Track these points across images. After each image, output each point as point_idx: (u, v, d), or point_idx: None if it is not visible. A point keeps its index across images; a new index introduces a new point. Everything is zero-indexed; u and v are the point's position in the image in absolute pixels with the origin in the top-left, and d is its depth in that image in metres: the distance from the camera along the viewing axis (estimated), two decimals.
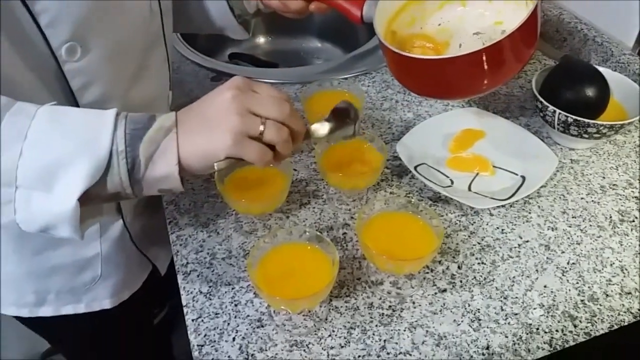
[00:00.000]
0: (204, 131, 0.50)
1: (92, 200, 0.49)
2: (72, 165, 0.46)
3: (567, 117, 0.74)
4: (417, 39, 0.75)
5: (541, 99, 0.77)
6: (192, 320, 0.60)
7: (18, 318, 0.81)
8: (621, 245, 0.67)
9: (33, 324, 0.83)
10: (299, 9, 0.76)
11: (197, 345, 0.57)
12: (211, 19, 0.82)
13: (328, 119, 0.59)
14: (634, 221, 0.70)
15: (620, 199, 0.73)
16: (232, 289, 0.62)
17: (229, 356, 0.56)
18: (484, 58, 0.60)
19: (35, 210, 0.47)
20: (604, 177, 0.76)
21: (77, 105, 0.59)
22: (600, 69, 0.79)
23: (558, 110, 0.75)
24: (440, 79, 0.64)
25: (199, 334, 0.58)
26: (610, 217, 0.70)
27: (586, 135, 0.75)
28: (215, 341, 0.57)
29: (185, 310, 0.61)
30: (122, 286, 0.83)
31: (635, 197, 0.73)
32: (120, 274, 0.81)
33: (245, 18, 0.83)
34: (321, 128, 0.58)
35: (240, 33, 0.85)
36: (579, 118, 0.73)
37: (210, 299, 0.61)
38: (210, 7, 0.80)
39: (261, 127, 0.50)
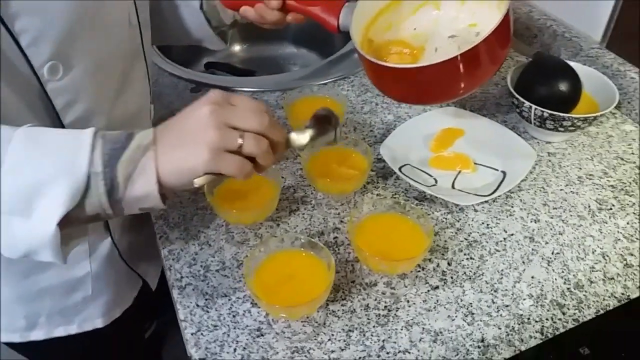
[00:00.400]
0: (181, 147, 0.49)
1: (72, 223, 0.48)
2: (50, 189, 0.46)
3: (542, 112, 0.77)
4: (394, 45, 0.76)
5: (517, 96, 0.79)
6: (192, 334, 0.60)
7: (8, 343, 0.80)
8: (601, 232, 0.70)
9: (24, 348, 0.82)
10: (275, 20, 0.76)
11: (199, 359, 0.57)
12: (188, 30, 0.82)
13: (308, 126, 0.58)
14: (611, 209, 0.73)
15: (597, 189, 0.76)
16: (229, 300, 0.63)
17: None
18: (459, 64, 0.60)
19: (16, 235, 0.47)
20: (580, 168, 0.79)
21: (62, 124, 0.59)
22: (571, 63, 0.82)
23: (534, 106, 0.77)
24: (417, 86, 0.65)
25: (199, 348, 0.58)
26: (589, 206, 0.73)
27: (562, 129, 0.78)
28: (216, 353, 0.58)
29: (183, 324, 0.61)
30: (114, 304, 0.82)
31: (611, 185, 0.76)
32: (110, 292, 0.80)
33: (222, 29, 0.83)
34: (301, 137, 0.57)
35: (218, 44, 0.85)
36: (554, 112, 0.76)
37: (208, 312, 0.62)
38: (186, 19, 0.80)
39: (240, 141, 0.49)
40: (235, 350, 0.58)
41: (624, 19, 0.87)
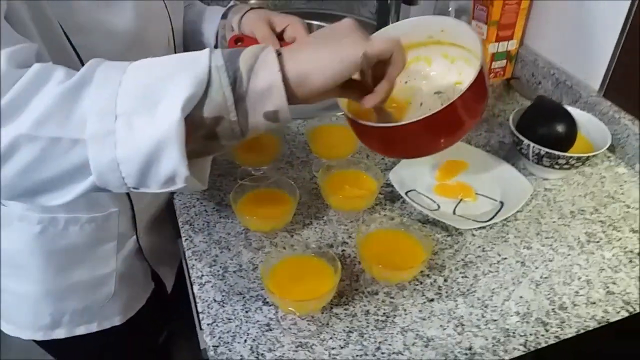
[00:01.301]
0: (325, 45, 0.50)
1: (195, 129, 0.47)
2: (172, 81, 0.45)
3: (540, 149, 0.84)
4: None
5: (517, 134, 0.87)
6: (208, 324, 0.67)
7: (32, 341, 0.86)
8: (587, 262, 0.76)
9: (45, 345, 0.88)
10: None
11: (213, 346, 0.64)
12: None
13: None
14: (598, 242, 0.79)
15: (587, 223, 0.82)
16: (243, 297, 0.70)
17: (241, 355, 0.63)
18: (432, 123, 0.60)
19: (138, 136, 0.44)
20: (573, 204, 0.85)
21: None
22: (569, 108, 0.90)
23: (532, 144, 0.85)
24: (394, 142, 0.64)
25: (214, 337, 0.65)
26: (579, 238, 0.79)
27: (557, 166, 0.85)
28: (228, 342, 0.65)
29: (201, 316, 0.68)
30: (131, 302, 0.89)
31: (600, 220, 0.82)
32: (130, 290, 0.87)
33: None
34: None
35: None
36: (550, 150, 0.83)
37: (224, 307, 0.69)
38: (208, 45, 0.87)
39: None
40: (245, 341, 0.65)
41: (621, 70, 0.94)
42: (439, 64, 0.75)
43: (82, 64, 0.58)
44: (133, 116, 0.44)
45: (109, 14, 0.61)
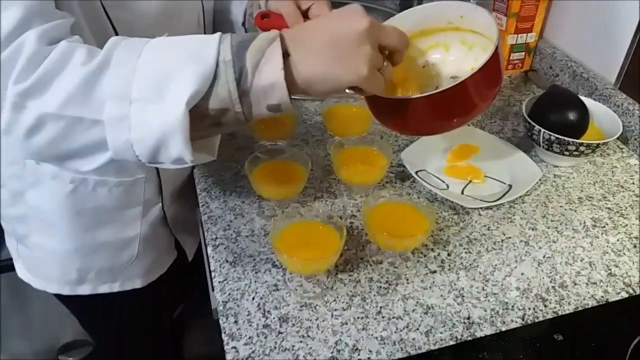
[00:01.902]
0: (334, 56, 0.50)
1: (201, 119, 0.50)
2: (180, 74, 0.48)
3: (550, 135, 0.85)
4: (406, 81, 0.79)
5: (529, 120, 0.88)
6: (219, 282, 0.70)
7: (57, 296, 0.90)
8: (591, 245, 0.77)
9: (69, 302, 0.93)
10: None
11: (222, 302, 0.68)
12: None
13: None
14: (604, 227, 0.80)
15: (594, 209, 0.83)
16: (254, 259, 0.73)
17: (248, 311, 0.66)
18: (442, 100, 0.62)
19: (149, 122, 0.48)
20: (582, 190, 0.87)
21: None
22: (584, 98, 0.91)
23: (543, 130, 0.86)
24: (407, 117, 0.66)
25: (224, 293, 0.69)
26: (585, 222, 0.81)
27: (567, 153, 0.87)
28: (237, 299, 0.68)
29: (213, 274, 0.72)
30: (153, 267, 0.93)
31: (608, 207, 0.83)
32: (152, 255, 0.91)
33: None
34: None
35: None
36: (560, 136, 0.85)
37: (235, 267, 0.72)
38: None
39: (385, 63, 0.53)
40: (253, 298, 0.68)
41: (637, 64, 0.95)
42: (457, 49, 0.77)
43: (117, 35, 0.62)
44: (145, 103, 0.48)
45: None
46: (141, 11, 0.66)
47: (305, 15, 0.79)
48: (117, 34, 0.64)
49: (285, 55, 0.50)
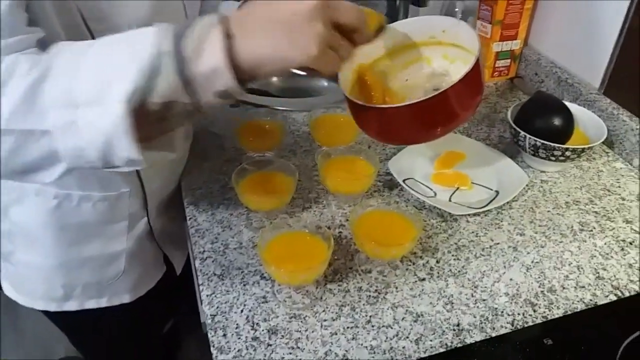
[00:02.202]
0: (281, 34, 0.48)
1: (148, 116, 0.48)
2: (119, 72, 0.47)
3: (535, 141, 0.86)
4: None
5: (514, 126, 0.89)
6: (207, 295, 0.70)
7: (45, 313, 0.90)
8: (579, 249, 0.77)
9: (57, 318, 0.92)
10: None
11: (210, 315, 0.67)
12: None
13: None
14: (591, 230, 0.80)
15: (581, 213, 0.83)
16: (242, 272, 0.73)
17: (237, 324, 0.66)
18: (424, 108, 0.62)
19: (93, 127, 0.47)
20: (568, 195, 0.87)
21: None
22: (569, 104, 0.92)
23: (528, 135, 0.87)
24: (389, 126, 0.67)
25: (212, 306, 0.68)
26: (572, 226, 0.81)
27: (553, 158, 0.87)
28: (226, 312, 0.68)
29: (201, 287, 0.71)
30: (140, 282, 0.92)
31: (595, 211, 0.84)
32: (140, 270, 0.90)
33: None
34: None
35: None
36: (545, 142, 0.85)
37: (223, 280, 0.72)
38: None
39: (342, 42, 0.50)
40: (242, 311, 0.68)
41: (621, 69, 0.96)
42: (439, 64, 0.77)
43: None
44: (88, 106, 0.47)
45: (125, 6, 0.64)
46: (122, 24, 0.65)
47: None
48: None
49: (230, 37, 0.48)
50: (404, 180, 0.86)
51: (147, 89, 0.47)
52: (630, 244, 0.78)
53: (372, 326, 0.66)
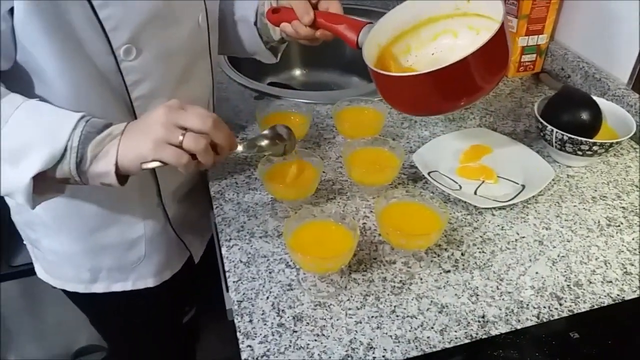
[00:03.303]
0: (136, 138, 0.61)
1: (47, 180, 0.61)
2: (35, 150, 0.59)
3: (562, 135, 0.85)
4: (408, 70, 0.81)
5: (541, 120, 0.88)
6: (233, 282, 0.71)
7: (73, 295, 0.92)
8: (606, 244, 0.76)
9: (85, 301, 0.94)
10: (306, 35, 0.83)
11: (237, 301, 0.68)
12: (243, 43, 0.94)
13: (261, 136, 0.74)
14: (619, 226, 0.79)
15: (608, 208, 0.83)
16: (267, 260, 0.74)
17: (263, 310, 0.67)
18: (446, 75, 0.63)
19: (5, 178, 0.60)
20: (595, 190, 0.86)
21: (130, 97, 0.71)
22: (597, 98, 0.91)
23: (555, 129, 0.86)
24: (414, 95, 0.69)
25: (238, 293, 0.69)
26: (599, 221, 0.80)
27: (580, 153, 0.86)
28: (252, 298, 0.68)
29: (227, 274, 0.72)
30: (164, 266, 0.94)
31: (622, 207, 0.83)
32: (162, 255, 0.92)
33: (272, 45, 0.94)
34: (241, 146, 0.70)
35: (269, 57, 0.96)
36: (572, 136, 0.84)
37: (249, 267, 0.73)
38: (243, 33, 0.93)
39: (180, 137, 0.60)
40: (267, 298, 0.68)
41: None
42: (465, 35, 0.78)
43: (107, 37, 0.65)
44: (5, 163, 0.60)
45: None
46: (132, 9, 0.66)
47: (315, 7, 0.81)
48: (105, 34, 0.64)
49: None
50: (428, 173, 0.86)
51: (51, 169, 0.60)
52: None
53: (397, 316, 0.66)
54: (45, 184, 0.62)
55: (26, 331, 1.57)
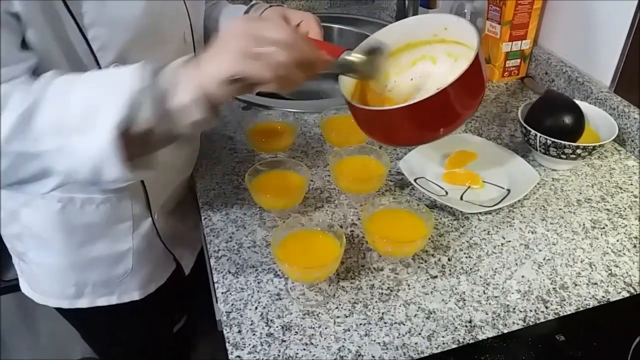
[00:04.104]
0: (216, 57, 0.54)
1: (134, 144, 0.54)
2: (107, 104, 0.52)
3: (546, 139, 0.86)
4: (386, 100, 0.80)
5: (525, 125, 0.89)
6: (222, 293, 0.71)
7: (59, 310, 0.92)
8: (591, 246, 0.77)
9: (69, 315, 0.94)
10: None
11: (226, 312, 0.68)
12: None
13: (357, 51, 0.65)
14: (604, 228, 0.80)
15: (593, 210, 0.84)
16: (256, 270, 0.74)
17: (251, 320, 0.67)
18: (424, 108, 0.62)
19: (83, 152, 0.53)
20: (580, 193, 0.87)
21: None
22: (579, 102, 0.92)
23: (539, 134, 0.87)
24: (392, 127, 0.67)
25: (227, 304, 0.70)
26: (584, 224, 0.81)
27: (564, 156, 0.87)
28: (240, 309, 0.69)
29: (216, 285, 0.72)
30: (150, 279, 0.94)
31: (607, 209, 0.84)
32: (148, 268, 0.92)
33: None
34: (349, 54, 0.63)
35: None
36: (556, 140, 0.85)
37: (237, 277, 0.73)
38: None
39: (265, 48, 0.53)
40: (256, 308, 0.69)
41: (631, 67, 0.96)
42: (443, 62, 0.77)
43: (94, 56, 0.65)
44: (77, 135, 0.53)
45: (119, 8, 0.64)
46: (118, 30, 0.66)
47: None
48: (93, 54, 0.65)
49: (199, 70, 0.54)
50: (415, 180, 0.86)
51: (130, 120, 0.52)
52: None
53: (385, 323, 0.67)
54: (132, 152, 0.54)
55: (21, 344, 1.56)
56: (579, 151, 0.86)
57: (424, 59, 0.78)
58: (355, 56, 0.66)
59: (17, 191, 0.61)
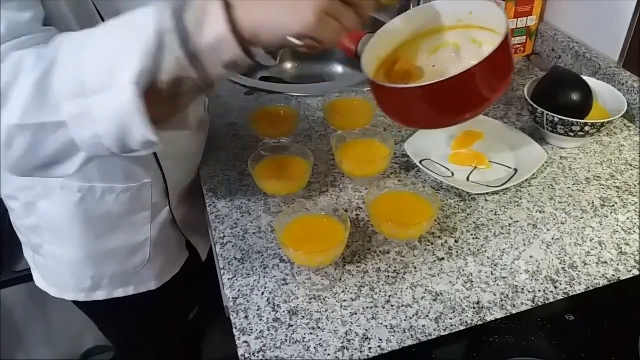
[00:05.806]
0: (279, 3, 0.47)
1: (163, 96, 0.48)
2: (124, 55, 0.46)
3: (553, 117, 0.85)
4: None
5: (531, 103, 0.88)
6: (228, 279, 0.71)
7: (74, 302, 0.92)
8: (601, 225, 0.76)
9: (86, 308, 0.95)
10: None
11: (232, 298, 0.68)
12: None
13: None
14: (613, 206, 0.79)
15: (602, 188, 0.82)
16: (262, 255, 0.74)
17: (258, 306, 0.67)
18: (448, 88, 0.60)
19: (105, 113, 0.47)
20: (589, 171, 0.86)
21: None
22: (587, 78, 0.90)
23: (546, 112, 0.85)
24: (413, 107, 0.65)
25: (233, 289, 0.69)
26: (593, 202, 0.80)
27: (572, 134, 0.86)
28: (247, 295, 0.69)
29: (222, 272, 0.72)
30: (165, 269, 0.94)
31: (617, 186, 0.82)
32: (164, 257, 0.92)
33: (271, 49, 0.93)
34: None
35: (268, 60, 0.95)
36: (563, 117, 0.84)
37: (243, 263, 0.73)
38: None
39: (344, 9, 0.48)
40: (263, 293, 0.69)
41: (639, 42, 0.94)
42: (467, 49, 0.74)
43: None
44: (97, 95, 0.47)
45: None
46: (130, 3, 0.65)
47: None
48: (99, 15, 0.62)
49: (229, 7, 0.47)
50: (420, 162, 0.85)
51: (154, 68, 0.46)
52: None
53: (392, 306, 0.66)
54: (158, 106, 0.49)
55: (35, 334, 1.58)
56: (587, 128, 0.84)
57: (447, 45, 0.76)
58: None
59: (42, 176, 0.56)
